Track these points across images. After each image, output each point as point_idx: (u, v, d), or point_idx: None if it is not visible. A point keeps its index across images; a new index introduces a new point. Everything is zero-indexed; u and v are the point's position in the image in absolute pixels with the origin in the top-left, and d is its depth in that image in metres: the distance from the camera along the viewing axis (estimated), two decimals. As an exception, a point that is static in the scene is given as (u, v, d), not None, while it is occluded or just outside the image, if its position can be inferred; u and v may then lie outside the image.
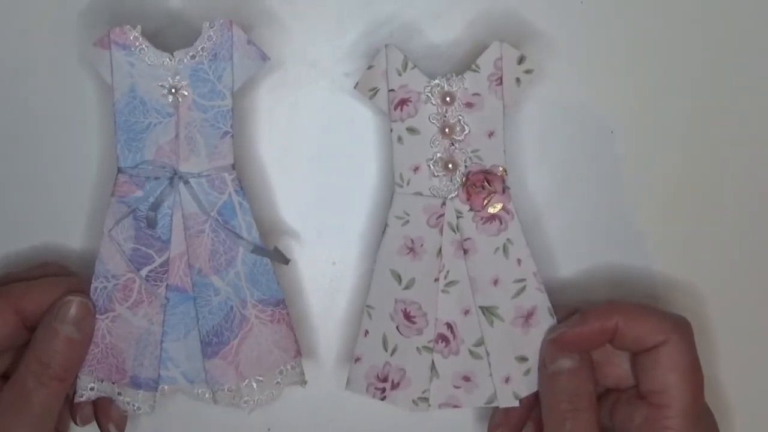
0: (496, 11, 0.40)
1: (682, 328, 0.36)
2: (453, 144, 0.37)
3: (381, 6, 0.40)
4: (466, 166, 0.38)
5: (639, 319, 0.36)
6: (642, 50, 0.41)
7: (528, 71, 0.37)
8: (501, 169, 0.37)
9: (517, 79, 0.37)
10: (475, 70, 0.37)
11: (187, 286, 0.38)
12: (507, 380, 0.38)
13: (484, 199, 0.37)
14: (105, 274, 0.38)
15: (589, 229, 0.41)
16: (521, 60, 0.37)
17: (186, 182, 0.38)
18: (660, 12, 0.41)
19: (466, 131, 0.37)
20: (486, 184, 0.37)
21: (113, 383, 0.38)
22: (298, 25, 0.40)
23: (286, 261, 0.38)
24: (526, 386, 0.38)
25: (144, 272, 0.38)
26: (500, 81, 0.37)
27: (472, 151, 0.38)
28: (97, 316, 0.37)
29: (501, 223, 0.38)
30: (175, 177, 0.38)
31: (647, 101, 0.41)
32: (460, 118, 0.37)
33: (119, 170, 0.38)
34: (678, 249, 0.41)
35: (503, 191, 0.37)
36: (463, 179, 0.37)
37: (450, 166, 0.38)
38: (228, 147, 0.38)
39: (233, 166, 0.38)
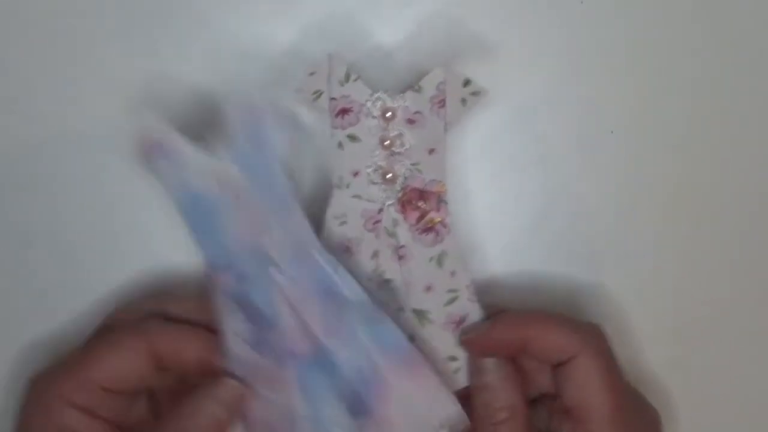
0: (495, 12, 0.40)
1: (593, 340, 0.35)
2: (393, 155, 0.37)
3: (382, 5, 0.40)
4: (405, 178, 0.37)
5: (548, 332, 0.35)
6: (642, 50, 0.41)
7: (475, 93, 0.37)
8: (440, 184, 0.37)
9: (463, 100, 0.37)
10: (417, 91, 0.37)
11: (310, 352, 0.36)
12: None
13: (419, 215, 0.37)
14: (236, 360, 0.36)
15: (589, 228, 0.41)
16: (466, 83, 0.37)
17: (272, 262, 0.36)
18: (660, 12, 0.41)
19: (407, 146, 0.37)
20: (422, 202, 0.37)
21: None
22: (298, 24, 0.40)
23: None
24: (454, 384, 0.37)
25: (267, 355, 0.36)
26: (443, 103, 0.37)
27: (412, 164, 0.37)
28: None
29: (437, 236, 0.37)
30: (259, 259, 0.36)
31: (647, 101, 0.41)
32: (401, 132, 0.37)
33: (207, 267, 0.36)
34: (678, 248, 0.41)
35: (439, 208, 0.37)
36: (400, 193, 0.37)
37: (389, 176, 0.37)
38: (301, 222, 0.36)
39: (317, 237, 0.36)
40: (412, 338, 0.37)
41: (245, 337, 0.36)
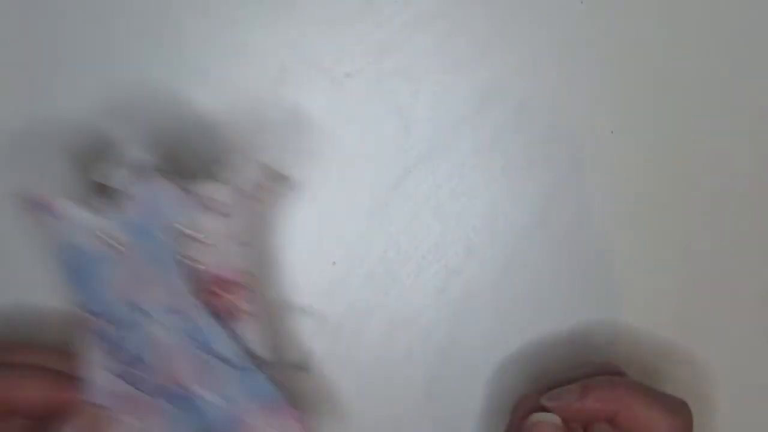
0: (495, 12, 0.40)
1: (680, 426, 0.35)
2: (200, 245, 0.36)
3: (382, 5, 0.40)
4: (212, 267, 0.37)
5: (640, 408, 0.34)
6: (642, 50, 0.41)
7: (288, 187, 0.38)
8: (250, 276, 0.37)
9: (277, 193, 0.38)
10: (228, 183, 0.36)
11: (177, 392, 0.37)
12: None
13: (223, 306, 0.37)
14: (100, 391, 0.36)
15: (589, 229, 0.41)
16: (279, 178, 0.38)
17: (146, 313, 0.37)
18: (660, 12, 0.41)
19: (215, 237, 0.36)
20: (227, 293, 0.37)
21: None
22: (298, 25, 0.40)
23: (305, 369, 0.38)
24: None
25: (136, 386, 0.36)
26: (255, 198, 0.37)
27: (221, 253, 0.37)
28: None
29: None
30: (133, 310, 0.37)
31: (647, 101, 0.41)
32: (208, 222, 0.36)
33: (80, 309, 0.37)
34: (678, 248, 0.41)
35: (249, 299, 0.37)
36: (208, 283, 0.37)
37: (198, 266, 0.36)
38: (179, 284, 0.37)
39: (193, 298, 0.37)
40: (281, 388, 0.37)
41: (112, 369, 0.36)
